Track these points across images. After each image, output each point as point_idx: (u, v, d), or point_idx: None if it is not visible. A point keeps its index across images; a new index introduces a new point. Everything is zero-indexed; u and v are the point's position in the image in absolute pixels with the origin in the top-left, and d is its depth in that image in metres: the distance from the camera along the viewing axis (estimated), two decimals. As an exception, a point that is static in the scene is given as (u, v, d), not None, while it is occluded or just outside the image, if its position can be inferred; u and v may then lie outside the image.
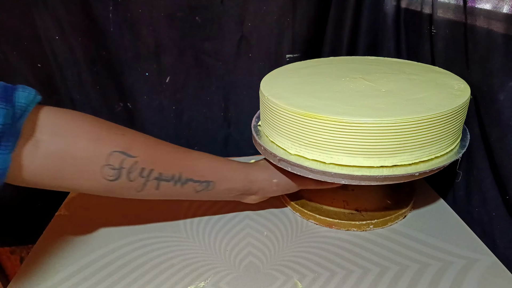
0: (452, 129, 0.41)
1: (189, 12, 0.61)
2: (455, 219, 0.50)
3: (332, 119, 0.38)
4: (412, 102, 0.40)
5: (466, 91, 0.43)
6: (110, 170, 0.37)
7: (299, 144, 0.42)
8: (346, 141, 0.39)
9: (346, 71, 0.51)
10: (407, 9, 0.61)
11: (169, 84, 0.65)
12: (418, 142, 0.39)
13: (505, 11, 0.42)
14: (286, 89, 0.46)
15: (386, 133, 0.38)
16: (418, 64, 0.54)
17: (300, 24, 0.65)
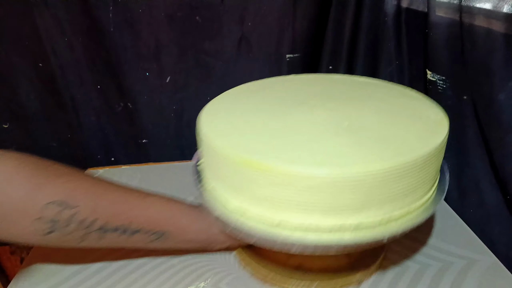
0: (430, 174, 0.33)
1: (189, 12, 0.61)
2: (455, 219, 0.49)
3: (275, 169, 0.29)
4: (378, 144, 0.32)
5: (443, 124, 0.36)
6: (43, 224, 0.33)
7: (241, 196, 0.33)
8: (294, 197, 0.30)
9: (306, 96, 0.43)
10: (408, 8, 0.61)
11: (170, 84, 0.65)
12: (383, 197, 0.31)
13: (505, 10, 0.42)
14: (228, 122, 0.37)
15: (342, 188, 0.29)
16: (389, 86, 0.46)
17: (300, 24, 0.65)
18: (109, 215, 0.36)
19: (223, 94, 0.45)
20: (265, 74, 0.68)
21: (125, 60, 0.62)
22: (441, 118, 0.37)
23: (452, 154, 0.53)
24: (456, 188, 0.53)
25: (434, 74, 0.53)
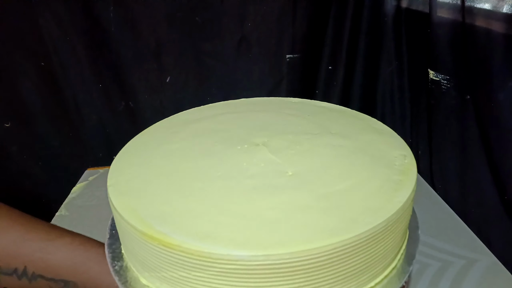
0: (393, 242, 0.26)
1: (190, 13, 0.61)
2: (455, 219, 0.49)
3: (184, 250, 0.22)
4: (325, 204, 0.25)
5: (410, 172, 0.28)
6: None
7: (150, 273, 0.26)
8: (213, 282, 0.23)
9: (250, 130, 0.36)
10: (408, 9, 0.61)
11: (170, 84, 0.65)
12: (331, 280, 0.23)
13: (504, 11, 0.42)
14: (144, 171, 0.30)
15: (272, 274, 0.22)
16: (352, 115, 0.39)
17: (300, 24, 0.65)
18: (5, 257, 0.32)
19: (152, 127, 0.39)
20: (265, 74, 0.68)
21: (126, 60, 0.62)
22: (408, 162, 0.30)
23: (453, 154, 0.53)
24: (457, 188, 0.53)
25: (438, 74, 0.53)
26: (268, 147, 0.32)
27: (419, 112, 0.61)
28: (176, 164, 0.31)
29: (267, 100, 0.44)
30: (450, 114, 0.52)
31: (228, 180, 0.28)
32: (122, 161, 0.32)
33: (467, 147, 0.50)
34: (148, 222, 0.24)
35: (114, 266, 0.29)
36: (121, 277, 0.28)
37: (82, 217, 0.53)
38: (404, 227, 0.27)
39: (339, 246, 0.22)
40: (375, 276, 0.26)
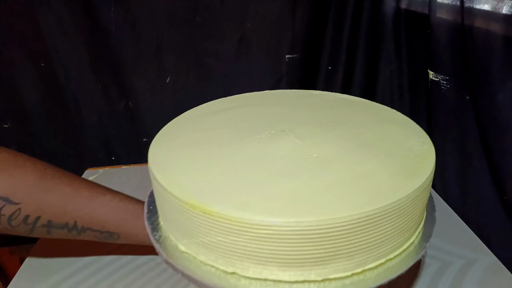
0: (410, 219, 0.28)
1: (190, 13, 0.61)
2: (455, 219, 0.50)
3: (223, 216, 0.25)
4: (349, 183, 0.28)
5: (429, 157, 0.31)
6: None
7: (189, 240, 0.29)
8: (248, 246, 0.26)
9: (273, 119, 0.38)
10: (407, 10, 0.61)
11: (170, 84, 0.65)
12: (355, 247, 0.26)
13: (504, 12, 0.42)
14: (181, 154, 0.33)
15: (300, 240, 0.25)
16: (371, 106, 0.41)
17: (300, 25, 0.65)
18: (53, 214, 0.35)
19: (180, 117, 0.41)
20: (265, 74, 0.68)
21: (126, 60, 0.62)
22: (427, 149, 0.32)
23: (453, 154, 0.53)
24: (457, 187, 0.53)
25: (437, 74, 0.53)
26: (294, 133, 0.35)
27: (418, 112, 0.61)
28: (207, 149, 0.33)
29: (289, 92, 0.46)
30: (450, 114, 0.53)
31: (258, 161, 0.31)
32: (157, 145, 0.34)
33: (467, 147, 0.50)
34: (190, 194, 0.27)
35: (154, 236, 0.32)
36: (161, 245, 0.31)
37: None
38: (421, 207, 0.29)
39: (362, 217, 0.25)
40: (394, 249, 0.28)
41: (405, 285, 0.40)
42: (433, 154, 0.31)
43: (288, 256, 0.26)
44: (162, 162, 0.32)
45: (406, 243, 0.30)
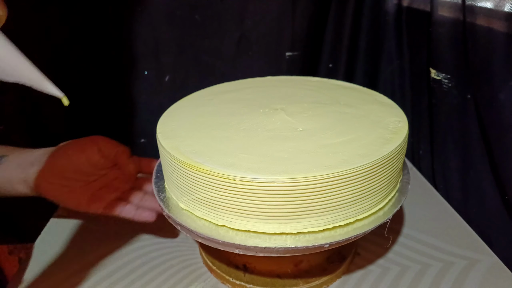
0: (378, 185, 0.32)
1: (189, 11, 0.60)
2: (456, 219, 0.49)
3: (213, 174, 0.30)
4: (325, 150, 0.32)
5: (401, 133, 0.35)
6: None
7: (187, 197, 0.34)
8: (234, 201, 0.31)
9: (271, 99, 0.43)
10: (409, 7, 0.60)
11: (169, 83, 0.65)
12: (326, 205, 0.30)
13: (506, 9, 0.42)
14: (185, 124, 0.39)
15: (278, 195, 0.29)
16: (361, 90, 0.46)
17: (300, 22, 0.65)
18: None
19: (196, 93, 0.47)
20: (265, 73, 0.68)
21: (125, 59, 0.62)
22: (401, 126, 0.36)
23: (455, 154, 0.53)
24: (458, 188, 0.52)
25: (439, 73, 0.53)
26: (285, 111, 0.40)
27: (420, 111, 0.60)
28: (209, 120, 0.39)
29: (289, 78, 0.52)
30: (452, 113, 0.52)
31: (250, 132, 0.36)
32: (166, 118, 0.41)
33: (469, 147, 0.49)
34: (187, 155, 0.32)
35: (160, 196, 0.38)
36: (164, 203, 0.37)
37: (81, 217, 0.52)
38: (389, 176, 0.33)
39: (330, 178, 0.29)
40: (363, 211, 0.33)
41: (406, 286, 0.39)
42: (405, 129, 0.35)
43: (267, 210, 0.30)
44: (167, 131, 0.37)
45: (375, 207, 0.34)
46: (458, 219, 0.49)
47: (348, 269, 0.42)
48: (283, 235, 0.31)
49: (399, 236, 0.47)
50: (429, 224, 0.48)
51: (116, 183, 0.45)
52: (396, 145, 0.33)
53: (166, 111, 0.42)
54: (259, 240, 0.31)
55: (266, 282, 0.39)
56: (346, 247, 0.42)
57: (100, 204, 0.43)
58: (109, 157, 0.44)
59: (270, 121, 0.38)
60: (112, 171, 0.45)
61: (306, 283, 0.39)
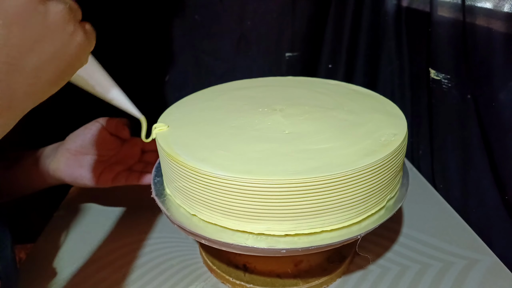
0: (348, 199, 0.31)
1: (189, 11, 0.60)
2: (456, 219, 0.49)
3: (185, 165, 0.32)
4: (300, 155, 0.32)
5: (389, 146, 0.33)
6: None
7: (171, 185, 0.37)
8: (201, 193, 0.32)
9: (277, 99, 0.43)
10: (408, 8, 0.60)
11: (168, 83, 0.65)
12: (287, 211, 0.30)
13: (506, 10, 0.42)
14: (184, 117, 0.41)
15: (238, 193, 0.30)
16: (375, 98, 0.44)
17: (299, 23, 0.65)
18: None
19: (208, 89, 0.49)
20: (264, 73, 0.68)
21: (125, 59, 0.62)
22: (392, 141, 0.34)
23: (454, 154, 0.53)
24: (458, 187, 0.52)
25: (438, 73, 0.53)
26: (282, 112, 0.40)
27: (420, 111, 0.60)
28: (208, 115, 0.41)
29: (309, 79, 0.51)
30: (451, 113, 0.52)
31: (238, 129, 0.37)
32: (170, 110, 0.43)
33: (468, 147, 0.50)
34: (171, 146, 0.35)
35: (154, 180, 0.41)
36: (155, 187, 0.40)
37: (81, 217, 0.52)
38: (361, 190, 0.31)
39: (288, 184, 0.29)
40: (334, 222, 0.32)
41: (406, 286, 0.39)
42: (397, 143, 0.33)
43: (229, 207, 0.31)
44: (165, 122, 0.39)
45: (346, 222, 0.32)
46: (458, 219, 0.49)
47: (348, 269, 0.42)
48: (245, 234, 0.32)
49: (399, 236, 0.47)
50: (429, 224, 0.48)
51: (124, 159, 0.50)
52: (377, 159, 0.31)
53: (172, 106, 0.44)
54: (223, 235, 0.32)
55: (266, 282, 0.39)
56: (346, 247, 0.42)
57: (109, 176, 0.47)
58: (111, 129, 0.48)
59: (262, 121, 0.38)
60: (121, 150, 0.50)
61: (306, 283, 0.39)
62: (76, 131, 0.48)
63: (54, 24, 0.25)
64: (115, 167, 0.49)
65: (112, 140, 0.48)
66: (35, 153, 0.48)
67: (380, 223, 0.33)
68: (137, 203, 0.53)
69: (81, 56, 0.28)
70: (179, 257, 0.44)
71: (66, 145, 0.47)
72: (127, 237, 0.48)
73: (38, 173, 0.47)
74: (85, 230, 0.50)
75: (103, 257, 0.45)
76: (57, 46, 0.26)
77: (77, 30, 0.27)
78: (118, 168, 0.49)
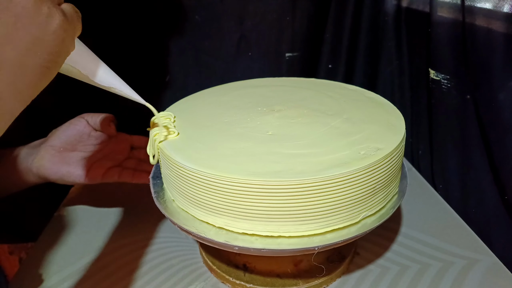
0: (312, 207, 0.30)
1: (189, 11, 0.60)
2: (456, 219, 0.49)
3: (174, 162, 0.33)
4: (268, 158, 0.32)
5: (364, 160, 0.31)
6: None
7: (165, 180, 0.38)
8: (186, 189, 0.34)
9: (279, 99, 0.43)
10: (408, 8, 0.61)
11: (169, 83, 0.65)
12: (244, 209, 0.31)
13: (505, 10, 0.42)
14: (184, 111, 0.42)
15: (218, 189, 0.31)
16: (384, 108, 0.41)
17: (299, 23, 0.65)
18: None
19: (209, 89, 0.50)
20: (265, 73, 0.68)
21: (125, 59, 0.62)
22: (371, 155, 0.32)
23: (454, 154, 0.53)
24: (457, 187, 0.52)
25: (438, 73, 0.53)
26: (279, 113, 0.40)
27: (419, 111, 0.60)
28: (206, 110, 0.42)
29: (329, 83, 0.49)
30: (451, 113, 0.52)
31: (227, 125, 0.38)
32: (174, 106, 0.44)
33: (468, 147, 0.50)
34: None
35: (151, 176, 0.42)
36: (153, 181, 0.41)
37: (81, 217, 0.52)
38: (321, 200, 0.30)
39: (240, 183, 0.30)
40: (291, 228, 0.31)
41: (406, 286, 0.39)
42: (372, 160, 0.31)
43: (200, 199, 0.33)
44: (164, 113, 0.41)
45: (307, 229, 0.32)
46: (458, 219, 0.49)
47: (347, 269, 0.42)
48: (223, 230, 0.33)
49: (398, 235, 0.47)
50: (429, 224, 0.48)
51: (112, 155, 0.49)
52: (344, 172, 0.29)
53: (177, 102, 0.45)
54: (202, 227, 0.33)
55: (266, 282, 0.39)
56: (345, 247, 0.42)
57: (99, 172, 0.46)
58: (96, 125, 0.47)
59: (254, 119, 0.39)
60: (108, 145, 0.49)
61: (306, 282, 0.39)
62: (60, 127, 0.46)
63: (24, 8, 0.23)
64: (104, 163, 0.48)
65: (98, 135, 0.47)
66: (15, 152, 0.46)
67: (345, 241, 0.32)
68: (137, 203, 0.53)
69: (65, 40, 0.25)
70: (179, 257, 0.44)
71: (49, 142, 0.45)
72: (127, 237, 0.48)
73: (20, 172, 0.45)
74: (85, 230, 0.50)
75: (103, 257, 0.45)
76: (34, 33, 0.23)
77: (53, 12, 0.24)
78: (108, 164, 0.48)
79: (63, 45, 0.26)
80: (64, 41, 0.25)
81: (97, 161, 0.48)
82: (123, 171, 0.48)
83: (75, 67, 0.33)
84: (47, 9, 0.24)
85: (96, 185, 0.49)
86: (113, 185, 0.53)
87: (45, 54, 0.24)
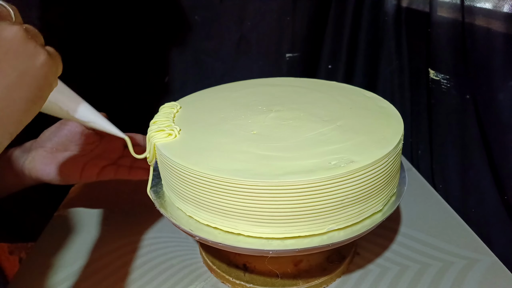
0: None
1: (189, 12, 0.60)
2: (456, 219, 0.49)
3: (169, 160, 0.34)
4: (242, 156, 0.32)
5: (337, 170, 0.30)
6: None
7: (164, 178, 0.38)
8: (181, 188, 0.34)
9: (281, 100, 0.43)
10: (408, 8, 0.61)
11: (168, 84, 0.65)
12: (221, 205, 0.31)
13: (505, 10, 0.42)
14: (185, 107, 0.42)
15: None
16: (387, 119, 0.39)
17: (300, 23, 0.65)
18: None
19: (216, 87, 0.50)
20: (265, 74, 0.68)
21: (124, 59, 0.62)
22: (347, 166, 0.30)
23: (454, 154, 0.53)
24: (457, 187, 0.52)
25: (438, 73, 0.53)
26: (275, 114, 0.40)
27: (419, 111, 0.60)
28: (208, 105, 0.43)
29: (344, 86, 0.48)
30: (451, 113, 0.52)
31: (220, 120, 0.39)
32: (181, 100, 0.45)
33: (468, 147, 0.50)
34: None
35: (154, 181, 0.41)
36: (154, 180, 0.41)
37: (81, 217, 0.52)
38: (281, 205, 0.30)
39: (209, 179, 0.30)
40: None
41: (405, 285, 0.39)
42: (340, 171, 0.30)
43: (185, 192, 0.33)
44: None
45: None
46: (457, 218, 0.49)
47: (347, 269, 0.42)
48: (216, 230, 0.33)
49: (398, 235, 0.47)
50: (428, 224, 0.48)
51: (106, 154, 0.49)
52: (300, 180, 0.29)
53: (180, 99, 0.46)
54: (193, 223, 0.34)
55: (266, 282, 0.39)
56: (345, 246, 0.42)
57: (93, 171, 0.46)
58: None
59: (247, 117, 0.39)
60: (101, 144, 0.48)
61: (306, 282, 0.39)
62: (50, 127, 0.46)
63: (11, 47, 0.25)
64: (98, 162, 0.47)
65: (90, 134, 0.46)
66: (7, 153, 0.46)
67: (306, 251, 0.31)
68: (137, 203, 0.53)
69: (48, 77, 0.27)
70: (179, 257, 0.44)
71: (41, 143, 0.45)
72: (127, 237, 0.48)
73: (14, 174, 0.45)
74: (85, 230, 0.50)
75: (103, 257, 0.45)
76: (20, 69, 0.25)
77: (38, 51, 0.26)
78: (103, 162, 0.48)
79: (47, 80, 0.27)
80: (48, 77, 0.27)
81: (90, 160, 0.47)
82: (119, 169, 0.48)
83: (57, 104, 0.36)
84: (33, 47, 0.26)
85: (96, 186, 0.49)
86: (113, 186, 0.53)
87: (31, 87, 0.26)
